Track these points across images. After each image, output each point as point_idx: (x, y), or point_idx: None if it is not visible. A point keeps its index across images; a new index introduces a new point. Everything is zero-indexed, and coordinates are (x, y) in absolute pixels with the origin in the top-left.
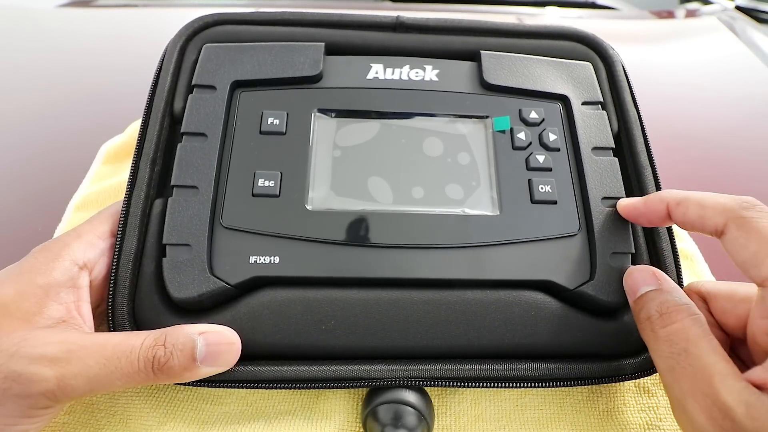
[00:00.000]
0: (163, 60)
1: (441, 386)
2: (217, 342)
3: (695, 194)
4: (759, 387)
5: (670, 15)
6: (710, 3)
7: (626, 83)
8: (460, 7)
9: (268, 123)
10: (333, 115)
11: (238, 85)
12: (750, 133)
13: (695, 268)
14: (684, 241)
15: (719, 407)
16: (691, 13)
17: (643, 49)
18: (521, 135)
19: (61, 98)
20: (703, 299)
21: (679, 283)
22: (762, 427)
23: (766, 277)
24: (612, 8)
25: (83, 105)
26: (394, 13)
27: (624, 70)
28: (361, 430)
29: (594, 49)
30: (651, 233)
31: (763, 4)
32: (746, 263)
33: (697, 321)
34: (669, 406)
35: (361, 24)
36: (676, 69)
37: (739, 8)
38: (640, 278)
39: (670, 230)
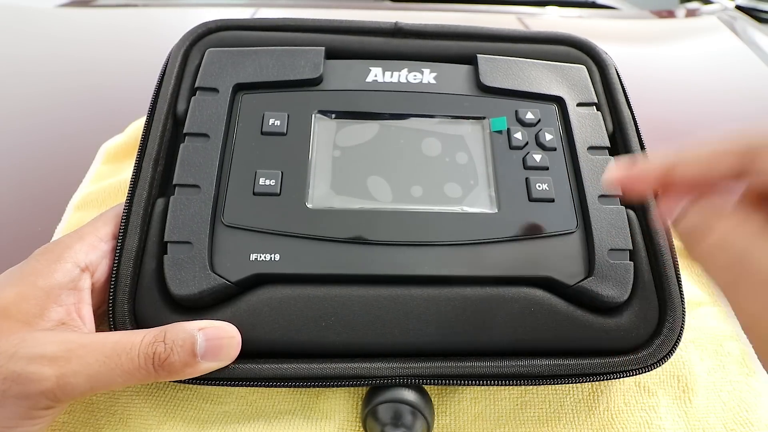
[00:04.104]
0: (167, 64)
1: (441, 384)
2: (217, 336)
3: (692, 144)
4: None
5: (670, 14)
6: (710, 2)
7: (620, 85)
8: (460, 7)
9: (270, 124)
10: (333, 116)
11: (240, 88)
12: None
13: (694, 267)
14: None
15: None
16: (691, 13)
17: (643, 49)
18: (518, 135)
19: (60, 98)
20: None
21: (678, 282)
22: None
23: None
24: (612, 8)
25: (83, 105)
26: (392, 19)
27: (617, 73)
28: (361, 429)
29: (588, 53)
30: (649, 231)
31: (763, 3)
32: None
33: (749, 216)
34: (669, 405)
35: (361, 30)
36: (676, 68)
37: (739, 8)
38: (673, 197)
39: (668, 228)
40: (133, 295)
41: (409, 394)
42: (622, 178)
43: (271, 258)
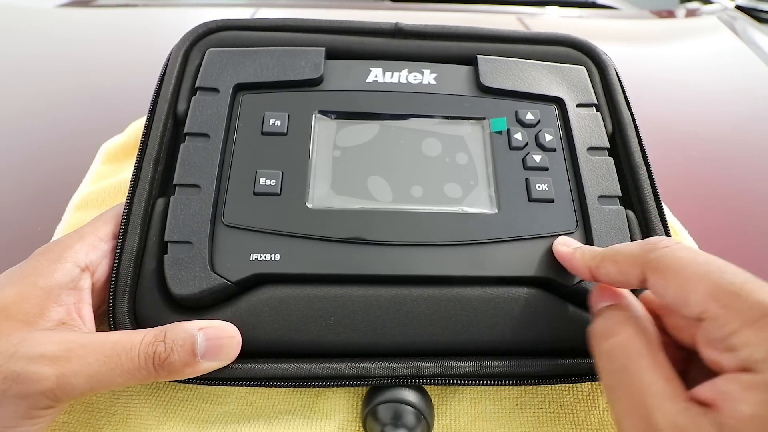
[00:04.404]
0: (167, 64)
1: (441, 384)
2: (217, 336)
3: (608, 252)
4: (704, 404)
5: (670, 14)
6: (710, 2)
7: (619, 86)
8: (460, 7)
9: (270, 124)
10: (333, 116)
11: (240, 88)
12: (750, 133)
13: None
14: (684, 240)
15: (654, 430)
16: (691, 13)
17: (643, 49)
18: (518, 135)
19: (60, 98)
20: (656, 315)
21: None
22: None
23: (699, 311)
24: (612, 8)
25: (83, 105)
26: (392, 20)
27: (617, 74)
28: (361, 429)
29: (587, 54)
30: (649, 232)
31: (763, 3)
32: (675, 303)
33: (641, 335)
34: None
35: (361, 30)
36: (676, 68)
37: (739, 8)
38: (600, 295)
39: (667, 229)
40: (133, 294)
41: (409, 394)
42: (562, 258)
43: (271, 258)
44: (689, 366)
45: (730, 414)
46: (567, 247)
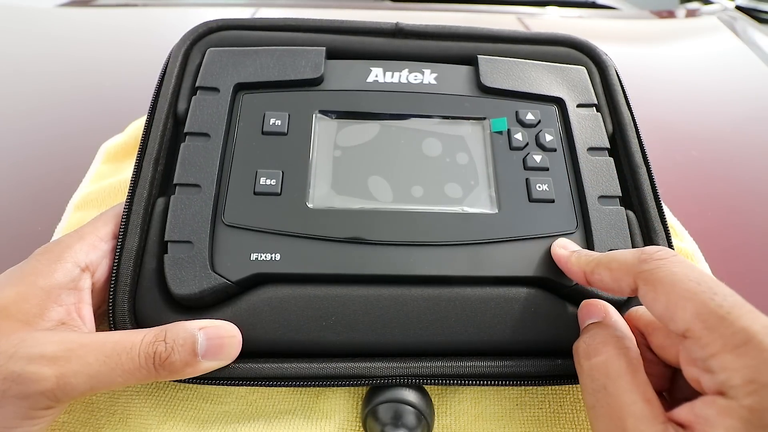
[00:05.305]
0: (167, 63)
1: (441, 384)
2: (217, 336)
3: (604, 258)
4: (682, 426)
5: (670, 15)
6: (710, 3)
7: (619, 86)
8: (461, 7)
9: (270, 124)
10: (334, 116)
11: (240, 88)
12: (750, 133)
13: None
14: (684, 240)
15: None
16: (691, 13)
17: (643, 49)
18: (518, 136)
19: (61, 98)
20: (641, 333)
21: None
22: None
23: (684, 329)
24: (612, 8)
25: (83, 104)
26: (393, 20)
27: (617, 74)
28: (361, 429)
29: (588, 55)
30: (649, 232)
31: (763, 4)
32: (662, 317)
33: (622, 355)
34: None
35: (361, 30)
36: (676, 69)
37: (739, 8)
38: (587, 311)
39: (667, 229)
40: (133, 294)
41: (409, 394)
42: (559, 260)
43: (271, 258)
44: (674, 383)
45: None
46: (564, 249)
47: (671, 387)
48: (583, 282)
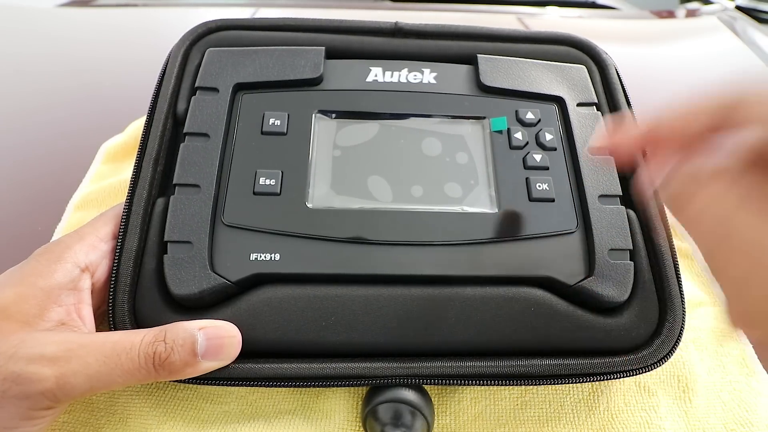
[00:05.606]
0: (167, 63)
1: (441, 384)
2: (217, 336)
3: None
4: None
5: (670, 15)
6: (710, 3)
7: (620, 86)
8: (460, 7)
9: (270, 124)
10: (333, 116)
11: (240, 88)
12: None
13: (694, 267)
14: (684, 240)
15: None
16: (691, 13)
17: (643, 49)
18: (518, 135)
19: (61, 97)
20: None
21: (678, 282)
22: None
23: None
24: (612, 8)
25: (83, 104)
26: (392, 19)
27: (617, 73)
28: (361, 429)
29: (588, 54)
30: (649, 231)
31: (763, 4)
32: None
33: (736, 180)
34: (669, 405)
35: (361, 29)
36: (676, 68)
37: (739, 8)
38: (654, 171)
39: (668, 228)
40: (133, 294)
41: (409, 394)
42: (610, 143)
43: (271, 258)
44: None
45: None
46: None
47: None
48: (634, 145)
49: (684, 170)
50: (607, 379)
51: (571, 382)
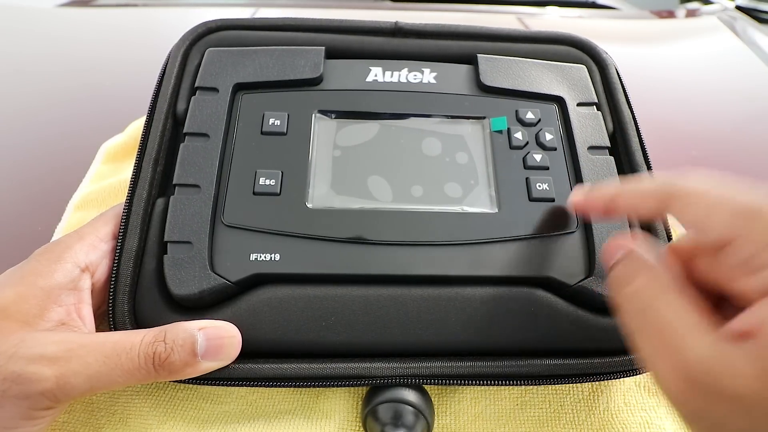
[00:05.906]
0: (167, 63)
1: (441, 384)
2: (217, 336)
3: (626, 185)
4: (744, 335)
5: (670, 15)
6: (710, 3)
7: (620, 85)
8: (460, 7)
9: (270, 124)
10: (333, 116)
11: (240, 88)
12: (750, 133)
13: None
14: None
15: (685, 364)
16: (691, 13)
17: (643, 49)
18: (518, 135)
19: (61, 97)
20: (684, 258)
21: None
22: (731, 383)
23: (722, 232)
24: (612, 8)
25: (83, 104)
26: (392, 19)
27: (617, 73)
28: (361, 429)
29: (588, 53)
30: (649, 231)
31: (763, 4)
32: (700, 224)
33: (665, 272)
34: (669, 405)
35: (361, 29)
36: (676, 68)
37: (739, 8)
38: (613, 248)
39: (667, 228)
40: (133, 295)
41: (409, 394)
42: (577, 204)
43: (271, 258)
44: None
45: None
46: (579, 191)
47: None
48: (603, 215)
49: (627, 258)
50: (607, 379)
51: (571, 382)
